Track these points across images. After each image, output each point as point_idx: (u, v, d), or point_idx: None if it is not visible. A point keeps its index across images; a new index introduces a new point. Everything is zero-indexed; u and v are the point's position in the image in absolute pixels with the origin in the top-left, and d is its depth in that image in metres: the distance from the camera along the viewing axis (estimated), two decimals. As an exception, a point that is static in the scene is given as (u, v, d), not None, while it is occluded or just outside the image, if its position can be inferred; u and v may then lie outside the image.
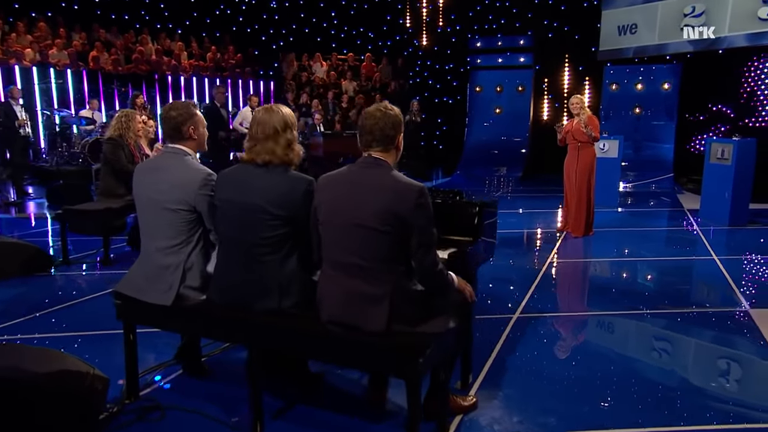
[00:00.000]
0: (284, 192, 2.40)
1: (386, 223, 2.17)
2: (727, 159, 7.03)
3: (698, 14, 9.67)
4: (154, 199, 2.60)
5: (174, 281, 2.61)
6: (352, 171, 2.32)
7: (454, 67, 14.56)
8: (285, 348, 2.51)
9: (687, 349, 3.63)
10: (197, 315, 2.62)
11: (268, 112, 2.45)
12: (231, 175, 2.52)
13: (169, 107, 2.72)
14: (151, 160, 2.79)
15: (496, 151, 12.81)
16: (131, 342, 2.82)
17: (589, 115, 6.43)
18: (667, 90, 11.20)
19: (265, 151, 2.40)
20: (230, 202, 2.47)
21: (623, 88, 11.55)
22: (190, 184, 2.55)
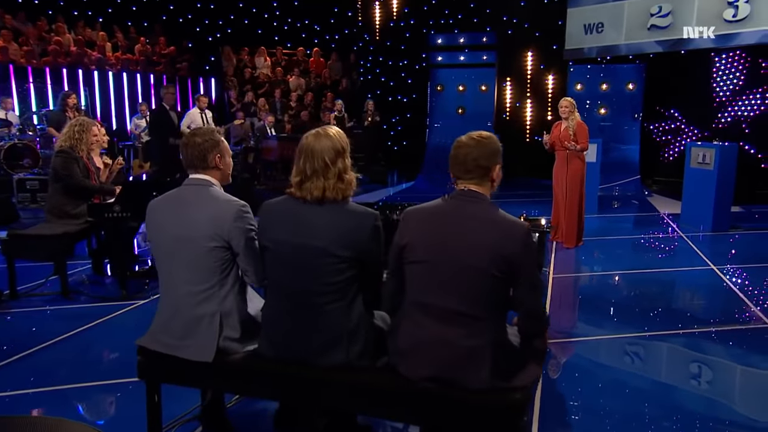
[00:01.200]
0: (350, 229, 2.24)
1: (494, 264, 2.07)
2: (709, 164, 7.40)
3: (665, 14, 10.16)
4: (182, 238, 2.38)
5: (212, 333, 2.40)
6: (448, 204, 2.21)
7: (409, 64, 14.58)
8: (358, 408, 2.34)
9: (725, 373, 3.73)
10: (245, 372, 2.40)
11: (316, 140, 2.27)
12: (281, 212, 2.33)
13: (193, 133, 2.52)
14: (171, 194, 2.52)
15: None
16: (155, 404, 2.55)
17: (578, 122, 6.51)
18: (632, 90, 11.70)
19: (317, 187, 2.23)
20: (284, 243, 2.28)
21: (588, 87, 11.95)
22: (224, 217, 2.36)
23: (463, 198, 2.19)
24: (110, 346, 3.97)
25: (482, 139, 2.24)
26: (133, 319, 4.46)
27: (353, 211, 2.28)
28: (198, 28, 14.89)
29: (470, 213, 2.15)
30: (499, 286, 2.10)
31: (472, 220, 2.13)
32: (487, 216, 2.14)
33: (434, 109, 13.27)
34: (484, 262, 2.06)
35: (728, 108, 10.94)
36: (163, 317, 2.49)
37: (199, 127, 2.58)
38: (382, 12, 14.69)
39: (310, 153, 2.25)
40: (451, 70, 13.09)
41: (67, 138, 5.00)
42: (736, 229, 7.57)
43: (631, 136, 11.55)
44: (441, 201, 2.24)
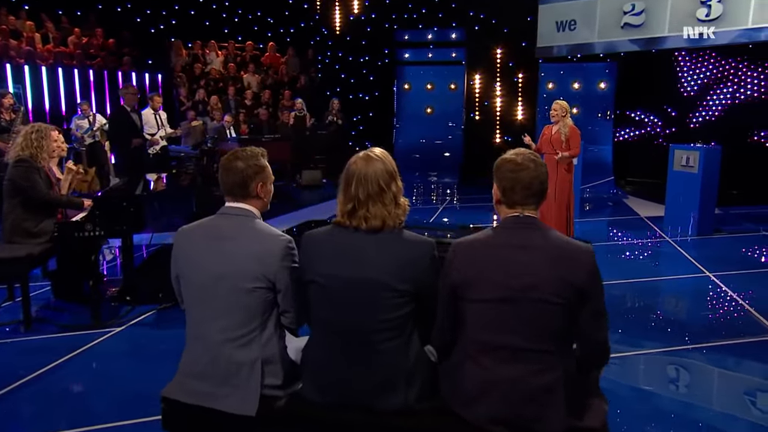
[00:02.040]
0: (409, 261, 2.17)
1: (561, 294, 2.03)
2: (693, 167, 7.66)
3: (638, 12, 10.47)
4: (222, 276, 2.23)
5: (254, 383, 2.25)
6: (506, 235, 2.14)
7: (371, 60, 14.51)
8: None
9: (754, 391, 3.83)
10: (291, 421, 2.27)
11: (367, 163, 2.19)
12: (331, 243, 2.22)
13: (234, 156, 2.34)
14: (206, 224, 2.36)
15: (430, 156, 12.93)
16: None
17: (571, 127, 6.56)
18: (604, 89, 12.02)
19: (375, 215, 2.16)
20: (335, 278, 2.18)
21: (560, 86, 12.20)
22: (270, 255, 2.23)
23: (522, 226, 2.14)
24: (93, 385, 3.73)
25: (537, 158, 2.19)
26: (113, 349, 4.22)
27: (410, 240, 2.20)
28: (138, 19, 14.30)
29: (532, 242, 2.09)
30: (567, 317, 2.06)
31: (536, 250, 2.07)
32: (550, 243, 2.09)
33: (401, 108, 13.23)
34: (552, 293, 2.02)
35: (699, 108, 11.39)
36: (194, 363, 2.32)
37: (243, 149, 2.39)
38: (341, 5, 14.55)
39: (362, 178, 2.16)
40: (418, 68, 13.10)
41: (24, 146, 4.68)
42: (720, 232, 7.87)
43: (603, 137, 11.86)
44: (494, 231, 2.17)
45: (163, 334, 4.50)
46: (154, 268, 5.12)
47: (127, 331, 4.53)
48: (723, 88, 11.18)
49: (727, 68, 11.12)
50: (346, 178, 2.21)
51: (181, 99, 13.47)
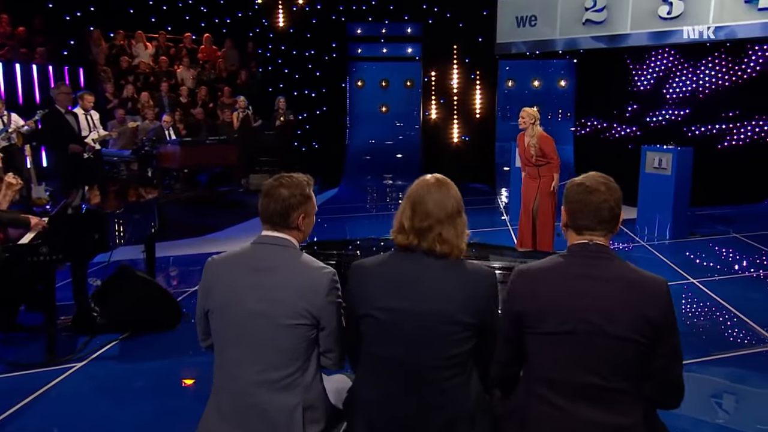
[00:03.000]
0: (475, 292, 2.15)
1: (637, 329, 2.01)
2: (666, 168, 7.96)
3: (599, 9, 10.81)
4: (261, 312, 2.15)
5: (295, 428, 2.17)
6: (575, 264, 2.12)
7: (317, 55, 14.32)
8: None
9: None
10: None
11: (441, 186, 2.19)
12: (386, 273, 2.18)
13: (278, 182, 2.27)
14: (240, 255, 2.27)
15: (385, 157, 12.92)
16: None
17: (541, 135, 6.44)
18: (564, 87, 12.35)
19: (446, 239, 2.14)
20: (395, 311, 2.12)
21: (519, 84, 12.44)
22: (315, 289, 2.17)
23: (593, 255, 2.11)
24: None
25: (609, 181, 2.18)
26: (78, 390, 3.95)
27: (474, 270, 2.19)
28: (51, 4, 13.50)
29: (604, 273, 2.07)
30: (643, 354, 2.05)
31: (609, 282, 2.05)
32: (623, 275, 2.07)
33: (354, 106, 13.14)
34: (628, 328, 2.00)
35: (659, 106, 11.89)
36: (226, 410, 2.21)
37: (289, 176, 2.31)
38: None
39: (431, 202, 2.16)
40: (372, 64, 13.07)
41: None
42: (694, 235, 8.21)
43: (564, 136, 12.18)
44: (562, 259, 2.15)
45: (133, 369, 4.26)
46: (113, 291, 4.82)
47: (89, 367, 4.25)
48: (682, 86, 11.71)
49: (689, 68, 11.65)
50: (411, 202, 2.19)
51: (107, 96, 12.84)
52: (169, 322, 4.86)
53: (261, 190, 2.30)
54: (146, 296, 4.85)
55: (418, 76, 13.03)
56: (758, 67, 11.06)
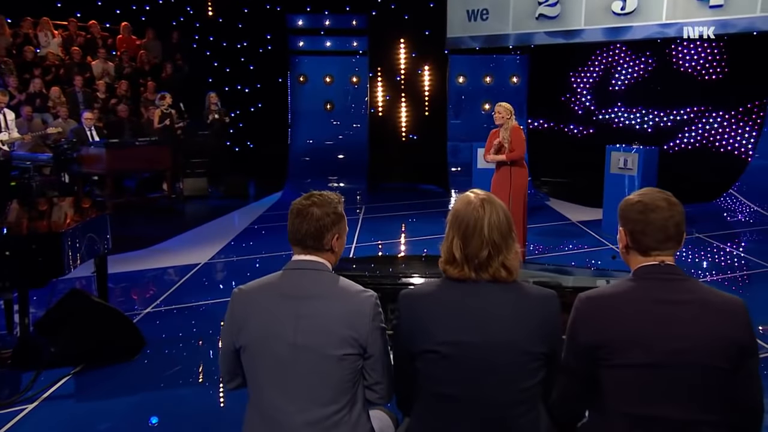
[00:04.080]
0: (543, 317, 2.09)
1: (723, 354, 1.99)
2: (632, 169, 8.22)
3: (553, 3, 11.07)
4: (304, 345, 2.08)
5: None
6: (646, 287, 2.06)
7: (251, 47, 13.98)
8: None
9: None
10: None
11: (491, 207, 2.10)
12: (445, 303, 2.09)
13: (309, 200, 2.21)
14: (273, 282, 2.20)
15: (332, 157, 12.78)
16: None
17: (514, 127, 6.72)
18: (516, 84, 12.57)
19: (510, 264, 2.08)
20: (461, 345, 2.03)
21: (471, 80, 12.57)
22: (360, 314, 2.12)
23: (665, 277, 2.07)
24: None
25: (669, 196, 2.16)
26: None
27: (538, 293, 2.13)
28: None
29: (681, 296, 2.04)
30: (730, 381, 2.03)
31: (687, 305, 2.02)
32: (700, 296, 2.04)
33: (296, 104, 12.92)
34: (712, 354, 1.98)
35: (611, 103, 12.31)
36: None
37: (319, 193, 2.25)
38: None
39: (485, 226, 2.08)
40: (315, 58, 12.90)
41: None
42: (658, 236, 8.51)
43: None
44: (633, 283, 2.10)
45: (94, 408, 3.97)
46: (63, 319, 4.48)
47: (42, 409, 3.92)
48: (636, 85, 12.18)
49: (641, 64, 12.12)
50: (458, 221, 2.12)
51: (10, 90, 12.03)
52: (129, 351, 4.58)
53: (290, 210, 2.22)
54: (102, 323, 4.55)
55: (364, 72, 12.94)
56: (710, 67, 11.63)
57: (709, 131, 11.74)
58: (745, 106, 11.37)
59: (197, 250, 7.65)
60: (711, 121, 11.72)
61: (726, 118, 11.58)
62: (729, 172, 11.17)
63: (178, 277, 6.58)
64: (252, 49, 13.98)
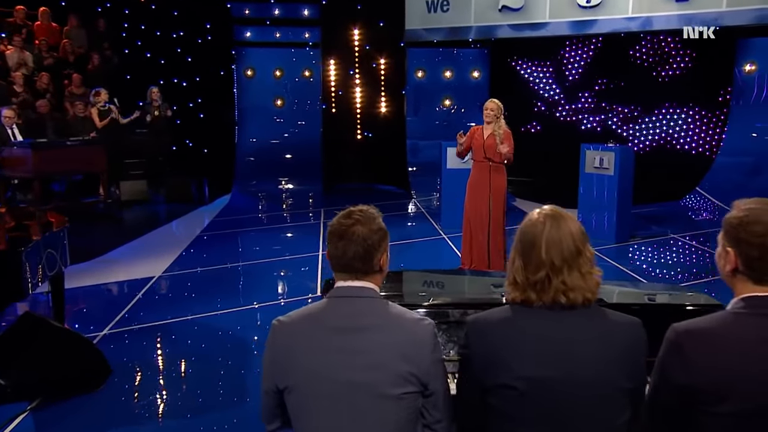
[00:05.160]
0: (628, 347, 1.97)
1: None
2: (608, 168, 8.32)
3: (516, -6, 11.20)
4: (358, 383, 1.95)
5: None
6: (755, 325, 1.90)
7: (189, 37, 13.54)
8: None
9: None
10: None
11: (558, 223, 1.99)
12: (522, 331, 1.97)
13: (352, 219, 2.08)
14: (324, 315, 2.06)
15: (283, 157, 12.58)
16: None
17: (506, 131, 6.69)
18: (477, 78, 12.62)
19: (571, 287, 1.96)
20: (542, 381, 1.92)
21: (430, 75, 12.55)
22: (420, 346, 2.01)
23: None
24: None
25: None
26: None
27: (620, 320, 2.02)
28: None
29: None
30: None
31: None
32: None
33: (243, 99, 12.61)
34: None
35: (574, 100, 12.51)
36: None
37: (358, 209, 2.11)
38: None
39: (556, 239, 1.97)
40: (263, 50, 12.65)
41: None
42: (635, 238, 8.66)
43: (479, 128, 12.48)
44: (741, 317, 1.94)
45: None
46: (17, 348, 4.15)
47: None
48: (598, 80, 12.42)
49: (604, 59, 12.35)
50: (525, 241, 2.01)
51: None
52: (93, 380, 4.28)
53: (330, 232, 2.09)
54: (61, 349, 4.23)
55: (317, 65, 12.73)
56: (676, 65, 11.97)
57: (672, 127, 12.08)
58: (708, 103, 11.74)
59: (148, 262, 7.34)
60: (675, 118, 12.05)
61: (690, 114, 11.94)
62: (693, 170, 11.53)
63: (132, 293, 6.27)
64: (189, 39, 13.53)
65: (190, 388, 4.40)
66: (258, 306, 5.96)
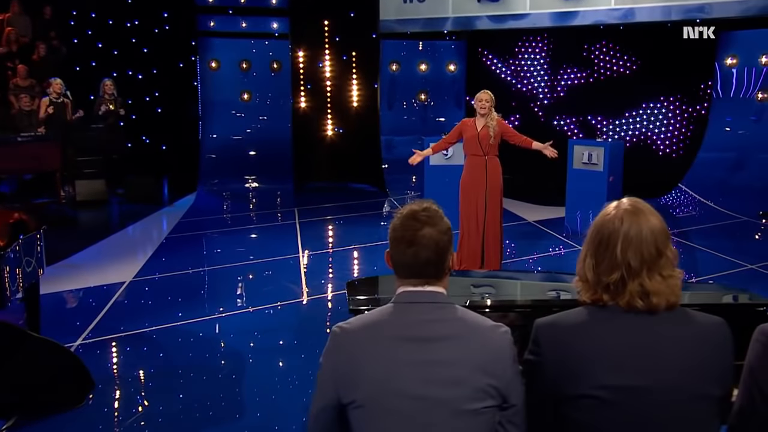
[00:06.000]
0: (715, 353, 1.92)
1: None
2: (597, 164, 8.40)
3: (496, -16, 11.24)
4: (435, 400, 1.85)
5: None
6: None
7: (142, 26, 13.22)
8: None
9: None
10: None
11: (638, 218, 1.92)
12: (596, 335, 1.91)
13: (419, 221, 1.96)
14: (392, 322, 1.95)
15: (251, 154, 12.39)
16: None
17: (499, 121, 6.74)
18: (454, 72, 12.63)
19: (652, 290, 1.88)
20: (624, 390, 1.85)
21: (405, 68, 12.52)
22: (499, 356, 1.92)
23: None
24: None
25: None
26: None
27: (706, 321, 1.96)
28: None
29: None
30: None
31: None
32: None
33: (208, 93, 12.39)
34: None
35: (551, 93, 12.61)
36: None
37: (422, 208, 1.98)
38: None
39: (633, 237, 1.89)
40: (228, 41, 12.47)
41: None
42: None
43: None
44: None
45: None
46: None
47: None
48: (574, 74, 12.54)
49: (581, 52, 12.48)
50: (599, 237, 1.93)
51: None
52: (75, 395, 4.09)
53: (395, 238, 1.96)
54: (40, 361, 4.04)
55: (286, 57, 12.58)
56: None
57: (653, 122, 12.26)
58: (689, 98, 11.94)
59: (116, 267, 7.12)
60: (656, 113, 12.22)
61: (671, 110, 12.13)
62: (675, 166, 11.72)
63: (103, 300, 6.05)
64: (146, 28, 13.21)
65: (180, 402, 4.24)
66: (243, 311, 5.81)
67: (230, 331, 5.41)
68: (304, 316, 5.92)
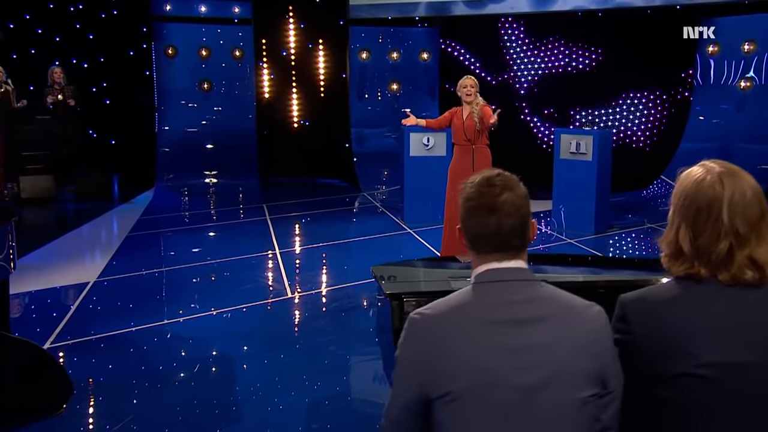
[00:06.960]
0: None
1: None
2: (586, 153, 8.42)
3: (471, -32, 11.27)
4: (539, 389, 1.74)
5: None
6: None
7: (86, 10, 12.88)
8: None
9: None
10: None
11: (737, 180, 1.86)
12: (693, 310, 1.84)
13: (497, 186, 1.84)
14: (480, 304, 1.84)
15: (212, 148, 12.24)
16: None
17: (483, 106, 6.74)
18: (427, 60, 12.62)
19: (754, 265, 1.82)
20: (726, 366, 1.80)
21: (375, 57, 12.48)
22: (599, 339, 1.81)
23: None
24: None
25: None
26: None
27: None
28: None
29: None
30: None
31: None
32: None
33: (164, 82, 12.15)
34: None
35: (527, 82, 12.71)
36: None
37: (494, 172, 1.89)
38: None
39: (723, 209, 1.82)
40: (186, 26, 12.24)
41: None
42: (613, 228, 8.81)
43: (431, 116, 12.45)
44: None
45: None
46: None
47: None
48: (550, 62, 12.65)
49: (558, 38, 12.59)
50: (695, 203, 1.85)
51: None
52: (53, 401, 3.93)
53: (472, 207, 1.85)
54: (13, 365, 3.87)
55: (249, 44, 12.41)
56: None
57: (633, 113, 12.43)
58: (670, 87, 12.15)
59: (77, 266, 6.97)
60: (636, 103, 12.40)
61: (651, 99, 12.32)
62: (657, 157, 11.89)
63: (68, 301, 5.88)
64: (91, 13, 12.87)
65: (164, 408, 4.09)
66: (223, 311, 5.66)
67: (210, 333, 5.26)
68: (292, 314, 5.83)
